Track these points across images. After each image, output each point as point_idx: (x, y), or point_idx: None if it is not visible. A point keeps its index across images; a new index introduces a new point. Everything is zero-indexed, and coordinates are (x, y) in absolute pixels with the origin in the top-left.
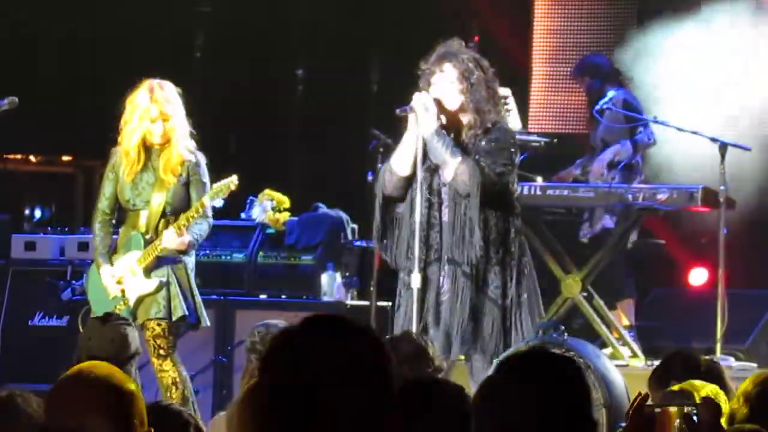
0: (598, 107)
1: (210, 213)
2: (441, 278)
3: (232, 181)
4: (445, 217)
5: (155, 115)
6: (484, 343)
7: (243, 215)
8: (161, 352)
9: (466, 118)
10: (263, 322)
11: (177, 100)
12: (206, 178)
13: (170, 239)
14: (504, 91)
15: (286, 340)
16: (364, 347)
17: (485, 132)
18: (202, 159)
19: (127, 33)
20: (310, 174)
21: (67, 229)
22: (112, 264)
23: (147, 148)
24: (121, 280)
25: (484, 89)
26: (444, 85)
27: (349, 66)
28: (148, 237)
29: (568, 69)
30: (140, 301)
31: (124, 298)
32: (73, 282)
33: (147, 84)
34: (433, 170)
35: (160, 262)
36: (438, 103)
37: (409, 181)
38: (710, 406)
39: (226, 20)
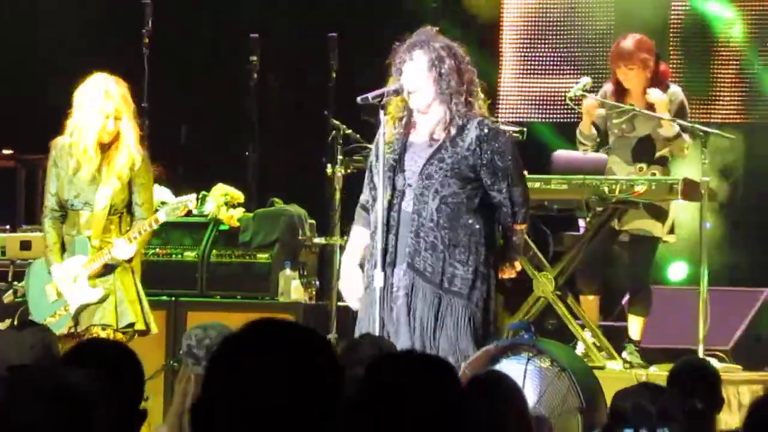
0: (571, 94)
1: None
2: (396, 279)
3: (190, 200)
4: (409, 210)
5: (110, 111)
6: (449, 346)
7: (194, 211)
8: None
9: (437, 110)
10: (200, 324)
11: (129, 98)
12: (150, 180)
13: (122, 250)
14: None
15: (228, 352)
16: (313, 360)
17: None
18: (147, 159)
19: (70, 18)
20: (266, 167)
21: (8, 227)
22: (63, 262)
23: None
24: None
25: (456, 78)
26: (413, 74)
27: (306, 51)
28: (94, 242)
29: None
30: (84, 307)
31: (66, 303)
32: (15, 283)
33: (100, 78)
34: (392, 166)
35: (105, 269)
36: (408, 93)
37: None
38: None
39: (175, 3)
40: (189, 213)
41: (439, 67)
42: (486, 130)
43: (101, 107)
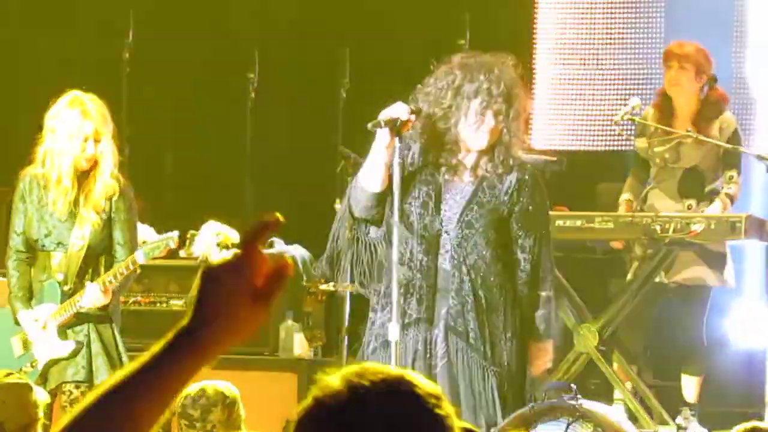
0: (617, 117)
1: None
2: (433, 341)
3: (172, 238)
4: (447, 267)
5: (89, 132)
6: (482, 411)
7: (182, 253)
8: None
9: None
10: (197, 384)
11: (108, 117)
12: (133, 215)
13: (93, 298)
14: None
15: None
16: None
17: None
18: (130, 190)
19: (35, 36)
20: (264, 202)
21: None
22: (31, 308)
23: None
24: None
25: (515, 119)
26: (484, 127)
27: (311, 71)
28: (66, 288)
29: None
30: (54, 362)
31: (32, 359)
32: None
33: (74, 96)
34: (426, 204)
35: (79, 317)
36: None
37: (382, 198)
38: None
39: (160, 13)
40: (171, 254)
41: (510, 109)
42: (527, 176)
43: (78, 128)
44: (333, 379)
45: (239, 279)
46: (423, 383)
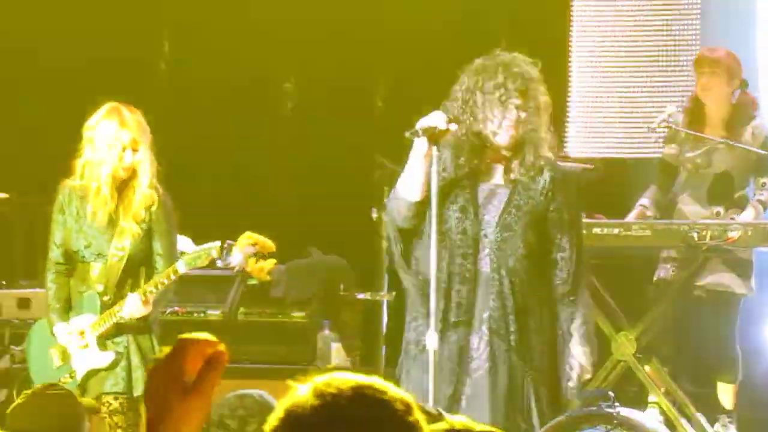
0: (654, 124)
1: None
2: (473, 344)
3: (215, 248)
4: (486, 270)
5: (127, 141)
6: (521, 416)
7: (219, 263)
8: (119, 431)
9: (516, 150)
10: (235, 393)
11: (147, 127)
12: (173, 225)
13: (134, 308)
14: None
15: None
16: None
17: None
18: (168, 201)
19: (72, 48)
20: (302, 211)
21: (3, 282)
22: (69, 323)
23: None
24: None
25: (539, 116)
26: (516, 114)
27: (347, 80)
28: (106, 298)
29: (615, 76)
30: (93, 373)
31: (71, 370)
32: (12, 347)
33: (112, 107)
34: (464, 208)
35: (119, 328)
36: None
37: (422, 207)
38: None
39: (196, 25)
40: (212, 264)
41: (537, 107)
42: (560, 175)
43: (115, 138)
44: (303, 390)
45: (167, 375)
46: (392, 390)
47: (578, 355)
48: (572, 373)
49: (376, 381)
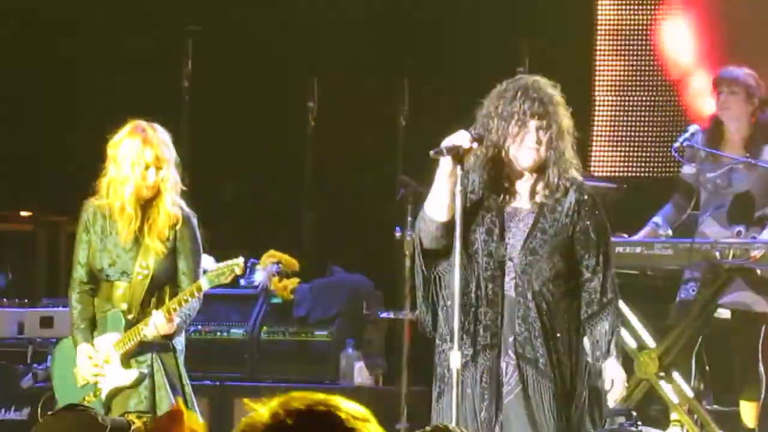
0: (677, 144)
1: None
2: (502, 367)
3: (238, 264)
4: (512, 294)
5: (150, 159)
6: None
7: (242, 282)
8: None
9: (540, 172)
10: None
11: (171, 145)
12: (198, 244)
13: (158, 325)
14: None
15: None
16: None
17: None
18: (193, 218)
19: (95, 65)
20: (324, 230)
21: (26, 300)
22: (92, 343)
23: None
24: (97, 364)
25: (563, 139)
26: (535, 135)
27: (371, 98)
28: (130, 317)
29: (639, 96)
30: (117, 391)
31: (95, 388)
32: (35, 366)
33: (136, 124)
34: (491, 230)
35: (143, 347)
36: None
37: (450, 228)
38: None
39: (220, 41)
40: (236, 280)
41: (558, 127)
42: (585, 196)
43: (138, 156)
44: (261, 410)
45: None
46: (346, 406)
47: (615, 372)
48: (612, 389)
49: (333, 398)
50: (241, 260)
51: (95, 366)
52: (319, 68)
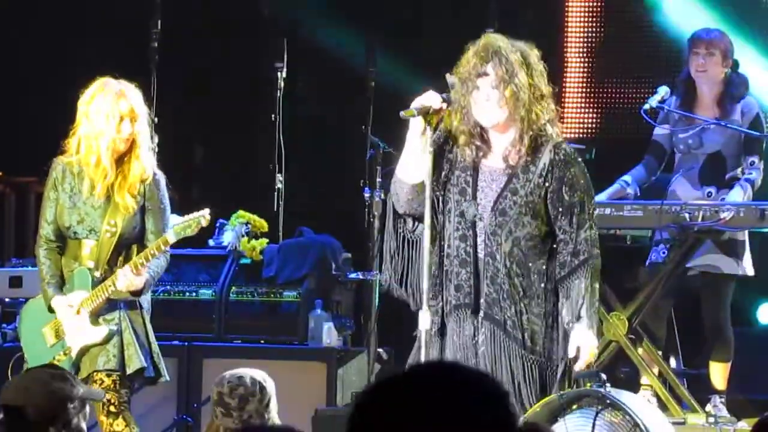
0: (647, 105)
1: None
2: (474, 328)
3: (203, 216)
4: (481, 255)
5: (125, 110)
6: (524, 402)
7: (211, 242)
8: (111, 408)
9: (511, 130)
10: (235, 372)
11: (143, 103)
12: (166, 204)
13: (126, 281)
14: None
15: (380, 403)
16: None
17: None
18: (162, 178)
19: (61, 23)
20: (293, 191)
21: None
22: (64, 294)
23: None
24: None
25: (529, 93)
26: (485, 92)
27: (340, 60)
28: (97, 274)
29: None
30: (85, 350)
31: (65, 347)
32: (4, 326)
33: (106, 80)
34: (464, 191)
35: (111, 305)
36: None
37: (422, 189)
38: None
39: (189, 1)
40: (204, 242)
41: (511, 83)
42: (561, 156)
43: (113, 108)
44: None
45: None
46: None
47: (582, 339)
48: (580, 354)
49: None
50: (206, 211)
51: (78, 313)
52: (289, 30)
